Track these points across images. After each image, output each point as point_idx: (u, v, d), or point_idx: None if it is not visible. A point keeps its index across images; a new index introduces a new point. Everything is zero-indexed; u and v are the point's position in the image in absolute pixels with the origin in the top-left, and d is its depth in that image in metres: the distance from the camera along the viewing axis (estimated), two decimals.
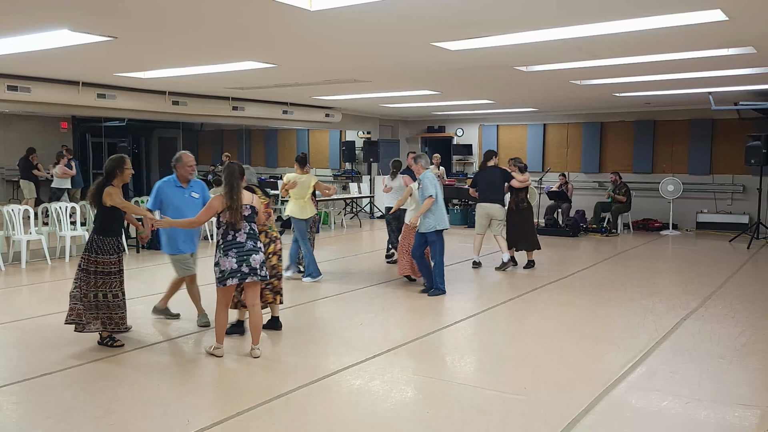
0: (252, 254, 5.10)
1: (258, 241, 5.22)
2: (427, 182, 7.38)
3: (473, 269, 9.26)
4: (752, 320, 6.46)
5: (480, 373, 5.10)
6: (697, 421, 4.07)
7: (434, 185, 7.43)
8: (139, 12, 5.30)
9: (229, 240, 5.07)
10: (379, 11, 5.16)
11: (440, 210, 7.44)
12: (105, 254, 5.38)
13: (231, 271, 5.02)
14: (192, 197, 6.05)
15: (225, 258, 5.04)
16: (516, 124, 16.36)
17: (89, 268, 5.37)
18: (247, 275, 5.07)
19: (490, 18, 5.46)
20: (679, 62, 7.67)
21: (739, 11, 5.20)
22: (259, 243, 5.22)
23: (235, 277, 5.04)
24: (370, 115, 16.65)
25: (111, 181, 5.39)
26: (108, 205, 5.33)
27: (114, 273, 5.46)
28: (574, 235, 13.09)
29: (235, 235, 5.08)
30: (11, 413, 4.16)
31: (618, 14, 5.33)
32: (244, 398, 4.35)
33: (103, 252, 5.37)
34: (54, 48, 6.70)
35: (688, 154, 14.15)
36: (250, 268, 5.07)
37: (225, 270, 5.04)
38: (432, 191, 7.36)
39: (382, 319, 6.60)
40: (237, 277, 5.04)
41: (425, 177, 7.45)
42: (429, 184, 7.37)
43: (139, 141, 21.05)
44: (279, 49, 7.00)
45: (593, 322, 6.45)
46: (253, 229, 5.22)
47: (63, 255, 9.82)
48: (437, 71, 8.61)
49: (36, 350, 5.47)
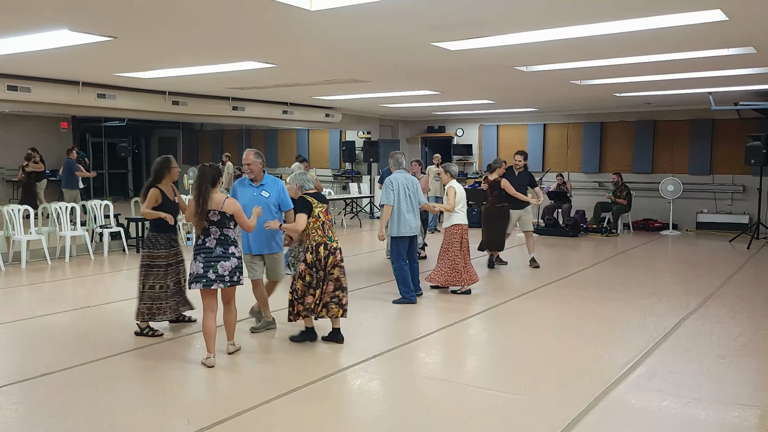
0: (220, 261, 4.94)
1: (232, 247, 5.02)
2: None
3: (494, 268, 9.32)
4: (752, 320, 6.46)
5: (480, 373, 5.10)
6: (697, 421, 4.07)
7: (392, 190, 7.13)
8: (139, 12, 5.29)
9: (198, 245, 4.98)
10: (379, 11, 5.16)
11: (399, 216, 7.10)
12: (156, 249, 5.79)
13: (196, 276, 4.91)
14: (261, 195, 5.77)
15: (193, 262, 4.96)
16: (516, 124, 16.35)
17: (143, 263, 5.82)
18: (212, 282, 4.91)
19: (490, 18, 5.46)
20: (679, 62, 7.67)
21: (739, 11, 5.19)
22: (232, 249, 5.01)
23: (199, 282, 4.90)
24: (370, 115, 16.65)
25: (159, 181, 5.82)
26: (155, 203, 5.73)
27: (162, 266, 5.81)
28: (574, 235, 13.09)
29: (204, 240, 4.96)
30: (11, 413, 4.16)
31: (618, 14, 5.33)
32: (244, 398, 4.35)
33: (156, 247, 5.79)
34: (54, 48, 6.70)
35: (688, 154, 14.14)
36: (217, 275, 4.91)
37: (191, 274, 4.95)
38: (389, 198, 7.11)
39: (382, 320, 6.59)
40: (202, 282, 4.90)
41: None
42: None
43: (139, 141, 21.06)
44: (279, 49, 7.00)
45: (593, 322, 6.45)
46: (226, 234, 5.00)
47: (63, 255, 9.81)
48: (437, 71, 8.60)
49: (36, 350, 5.47)
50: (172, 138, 20.80)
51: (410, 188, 7.16)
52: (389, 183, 7.09)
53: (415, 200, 7.19)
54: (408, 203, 7.08)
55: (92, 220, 10.61)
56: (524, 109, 14.78)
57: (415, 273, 7.31)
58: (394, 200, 7.04)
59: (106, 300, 7.29)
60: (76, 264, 9.60)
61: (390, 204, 7.03)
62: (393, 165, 7.34)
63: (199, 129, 20.95)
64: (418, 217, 7.27)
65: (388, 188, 7.07)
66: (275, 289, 6.13)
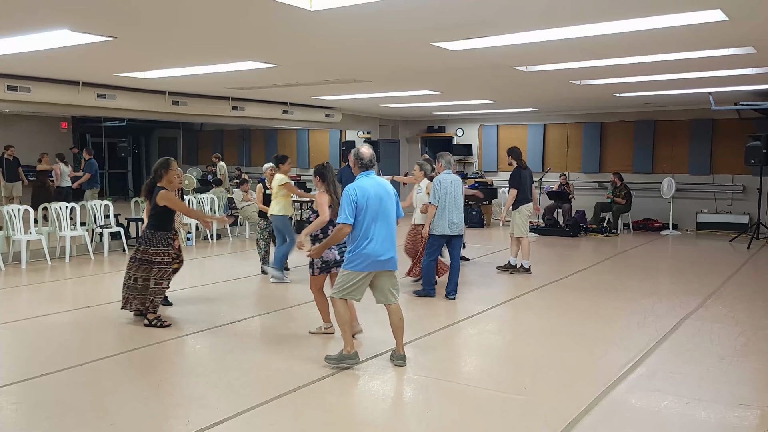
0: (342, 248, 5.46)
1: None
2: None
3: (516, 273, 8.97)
4: (752, 320, 6.46)
5: (480, 373, 5.10)
6: (697, 421, 4.07)
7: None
8: (139, 12, 5.30)
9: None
10: (379, 11, 5.16)
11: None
12: (154, 246, 6.12)
13: (334, 261, 5.59)
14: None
15: (328, 251, 5.52)
16: (516, 124, 16.35)
17: (135, 256, 6.17)
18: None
19: (489, 18, 5.46)
20: (679, 62, 7.67)
21: (739, 11, 5.20)
22: None
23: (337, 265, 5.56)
24: (370, 115, 16.64)
25: (160, 180, 6.16)
26: (161, 205, 6.08)
27: (158, 263, 6.12)
28: (574, 235, 13.09)
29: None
30: (11, 413, 4.16)
31: (618, 14, 5.33)
32: (244, 398, 4.35)
33: (154, 244, 6.12)
34: (54, 48, 6.70)
35: (688, 154, 14.14)
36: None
37: (327, 261, 5.58)
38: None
39: (381, 320, 6.58)
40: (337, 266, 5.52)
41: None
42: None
43: (139, 141, 21.08)
44: (279, 49, 7.00)
45: (593, 322, 6.45)
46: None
47: (63, 255, 9.81)
48: (437, 71, 8.60)
49: (36, 350, 5.47)
50: (172, 138, 20.83)
51: (456, 188, 7.34)
52: (437, 183, 7.27)
53: (460, 200, 7.36)
54: (453, 203, 7.27)
55: (92, 220, 10.61)
56: (524, 109, 14.78)
57: (455, 273, 7.45)
58: (440, 200, 7.22)
59: (106, 300, 7.28)
60: (76, 264, 9.60)
61: (435, 204, 7.21)
62: (444, 165, 7.50)
63: (199, 129, 20.96)
64: (462, 216, 7.41)
65: (436, 188, 7.24)
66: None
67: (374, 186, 4.88)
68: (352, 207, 4.76)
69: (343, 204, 4.80)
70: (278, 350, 5.51)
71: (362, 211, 4.79)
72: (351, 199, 4.77)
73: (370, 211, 4.80)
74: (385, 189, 4.95)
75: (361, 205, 4.78)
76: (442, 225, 7.24)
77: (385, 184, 5.01)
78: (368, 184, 4.87)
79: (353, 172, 5.06)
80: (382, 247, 4.84)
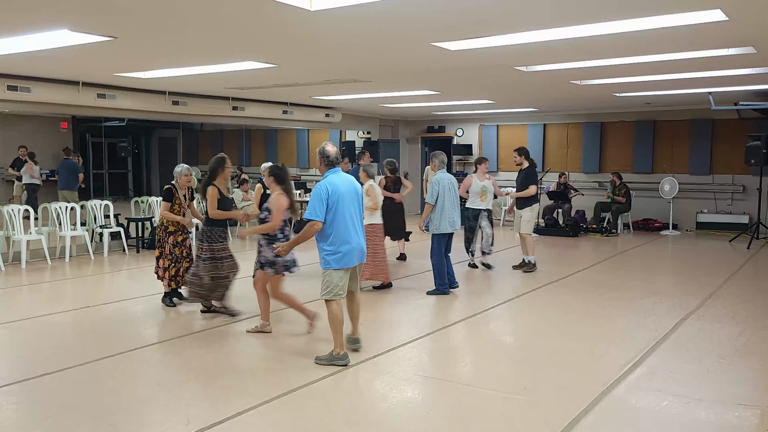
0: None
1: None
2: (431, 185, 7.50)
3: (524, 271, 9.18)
4: (752, 320, 6.46)
5: (480, 373, 5.10)
6: (697, 421, 4.07)
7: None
8: (139, 12, 5.29)
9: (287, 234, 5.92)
10: (379, 11, 5.16)
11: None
12: (213, 242, 6.32)
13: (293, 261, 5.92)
14: None
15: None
16: (516, 124, 16.35)
17: (201, 255, 6.33)
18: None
19: (490, 18, 5.46)
20: (679, 62, 7.67)
21: (739, 11, 5.19)
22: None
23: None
24: (370, 115, 16.64)
25: (214, 178, 6.36)
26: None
27: (218, 258, 6.33)
28: (574, 235, 13.09)
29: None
30: (11, 413, 4.16)
31: (618, 14, 5.33)
32: (244, 398, 4.35)
33: (210, 240, 6.31)
34: (54, 48, 6.70)
35: (688, 154, 14.14)
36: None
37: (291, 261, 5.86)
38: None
39: (381, 320, 6.59)
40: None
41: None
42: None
43: (139, 141, 21.05)
44: (279, 49, 7.00)
45: (593, 322, 6.45)
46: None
47: (63, 255, 9.81)
48: (437, 71, 8.60)
49: (36, 350, 5.47)
50: (172, 138, 20.80)
51: (453, 187, 7.48)
52: (435, 182, 7.39)
53: (457, 199, 7.49)
54: (451, 201, 7.40)
55: (92, 220, 10.61)
56: (524, 109, 14.77)
57: (449, 265, 7.65)
58: (438, 199, 7.34)
59: (106, 300, 7.29)
60: (76, 264, 9.60)
61: (431, 204, 7.35)
62: (438, 165, 7.61)
63: (199, 129, 20.94)
64: (458, 214, 7.55)
65: (434, 187, 7.34)
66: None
67: (344, 183, 4.98)
68: (323, 205, 4.81)
69: (314, 201, 4.82)
70: (278, 350, 5.51)
71: (333, 208, 4.84)
72: (322, 196, 4.82)
73: (342, 208, 4.87)
74: (353, 185, 5.09)
75: (332, 202, 4.83)
76: (444, 224, 7.40)
77: (352, 179, 5.13)
78: (338, 181, 4.95)
79: (319, 170, 5.10)
80: (359, 241, 5.01)
